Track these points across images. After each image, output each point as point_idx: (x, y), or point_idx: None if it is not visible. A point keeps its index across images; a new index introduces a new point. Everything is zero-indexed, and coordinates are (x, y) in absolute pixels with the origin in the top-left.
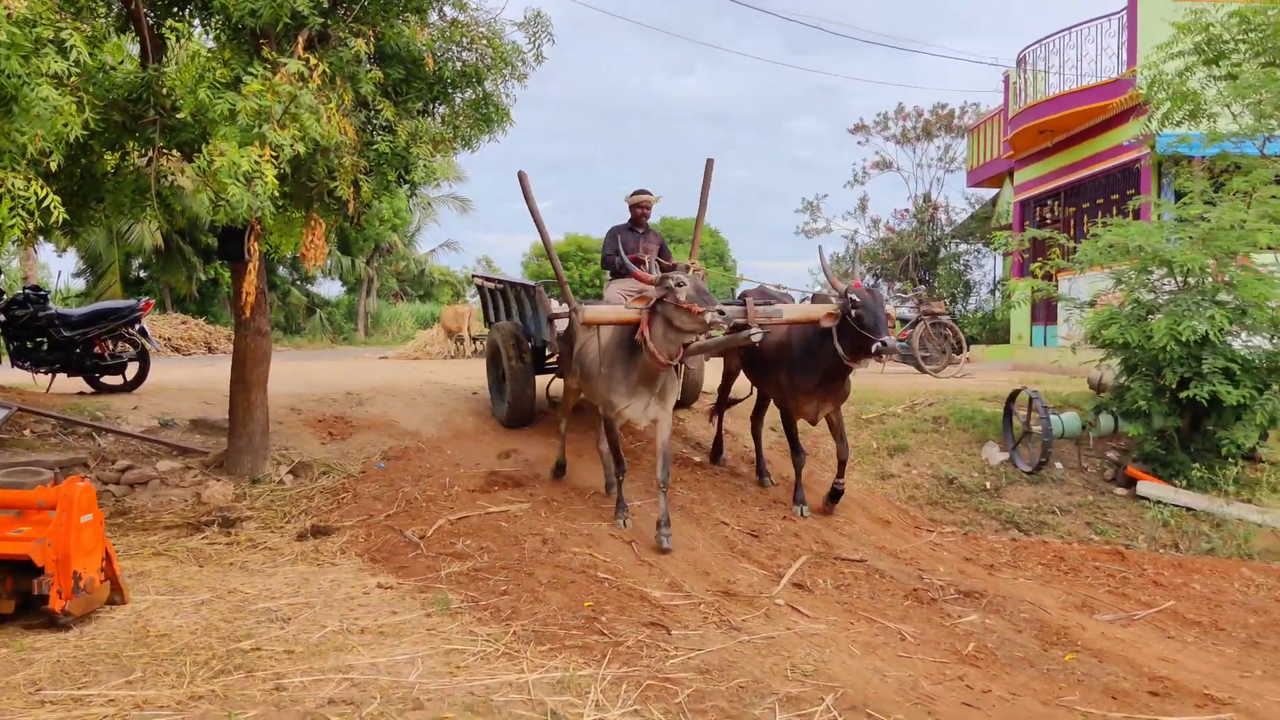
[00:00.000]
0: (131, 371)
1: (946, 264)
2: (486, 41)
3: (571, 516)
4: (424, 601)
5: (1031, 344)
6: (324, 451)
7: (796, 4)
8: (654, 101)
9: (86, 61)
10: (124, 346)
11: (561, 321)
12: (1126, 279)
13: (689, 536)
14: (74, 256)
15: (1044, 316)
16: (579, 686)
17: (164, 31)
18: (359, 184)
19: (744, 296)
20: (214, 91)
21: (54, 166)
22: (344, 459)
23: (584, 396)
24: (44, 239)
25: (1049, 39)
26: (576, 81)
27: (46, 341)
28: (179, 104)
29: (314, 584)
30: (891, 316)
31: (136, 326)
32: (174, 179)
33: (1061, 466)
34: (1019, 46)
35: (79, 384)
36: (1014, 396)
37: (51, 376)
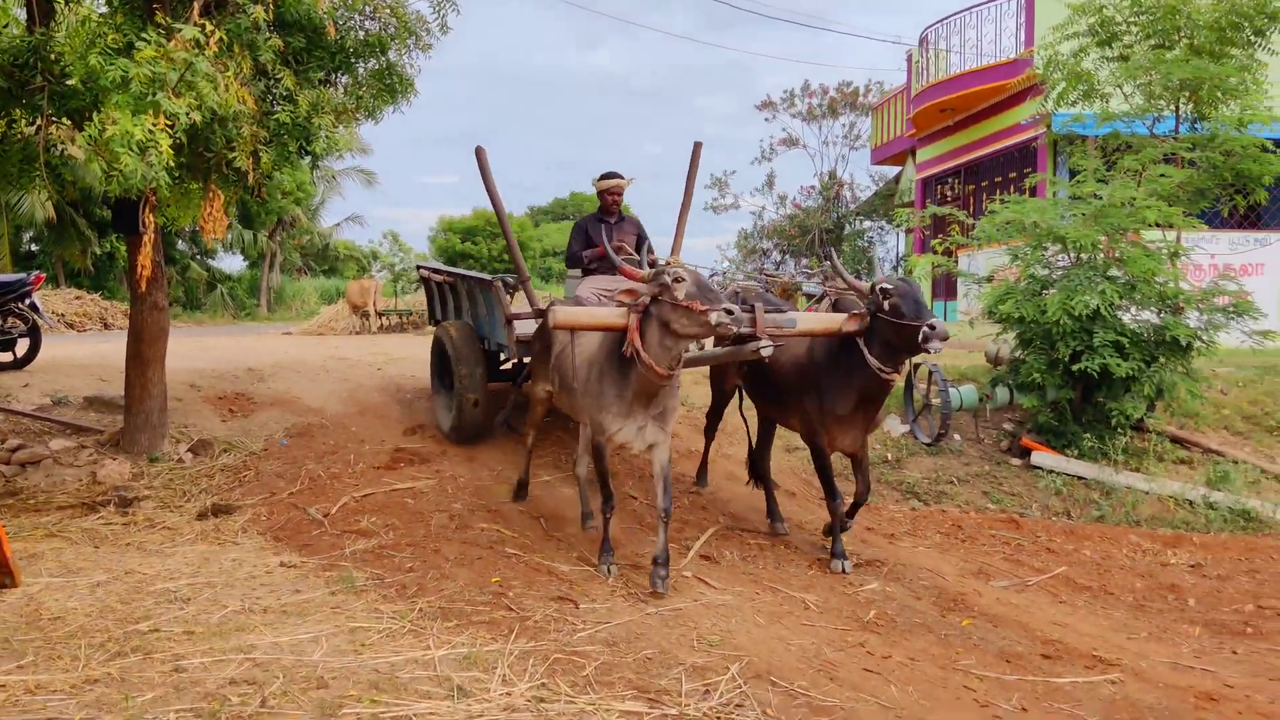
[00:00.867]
0: (22, 348)
1: (852, 240)
2: (390, 10)
3: (479, 493)
4: (328, 580)
5: None
6: (225, 429)
7: None
8: (564, 74)
9: None
10: (14, 322)
11: (525, 323)
12: (1022, 255)
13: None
14: None
15: (944, 292)
16: (486, 662)
17: None
18: (259, 155)
19: (748, 301)
20: (106, 58)
21: None
22: (246, 436)
23: (565, 411)
24: None
25: (951, 18)
26: (485, 53)
27: None
28: (69, 70)
29: (215, 564)
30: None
31: (27, 301)
32: (64, 148)
33: (960, 438)
34: (924, 25)
35: None
36: (915, 370)
37: None
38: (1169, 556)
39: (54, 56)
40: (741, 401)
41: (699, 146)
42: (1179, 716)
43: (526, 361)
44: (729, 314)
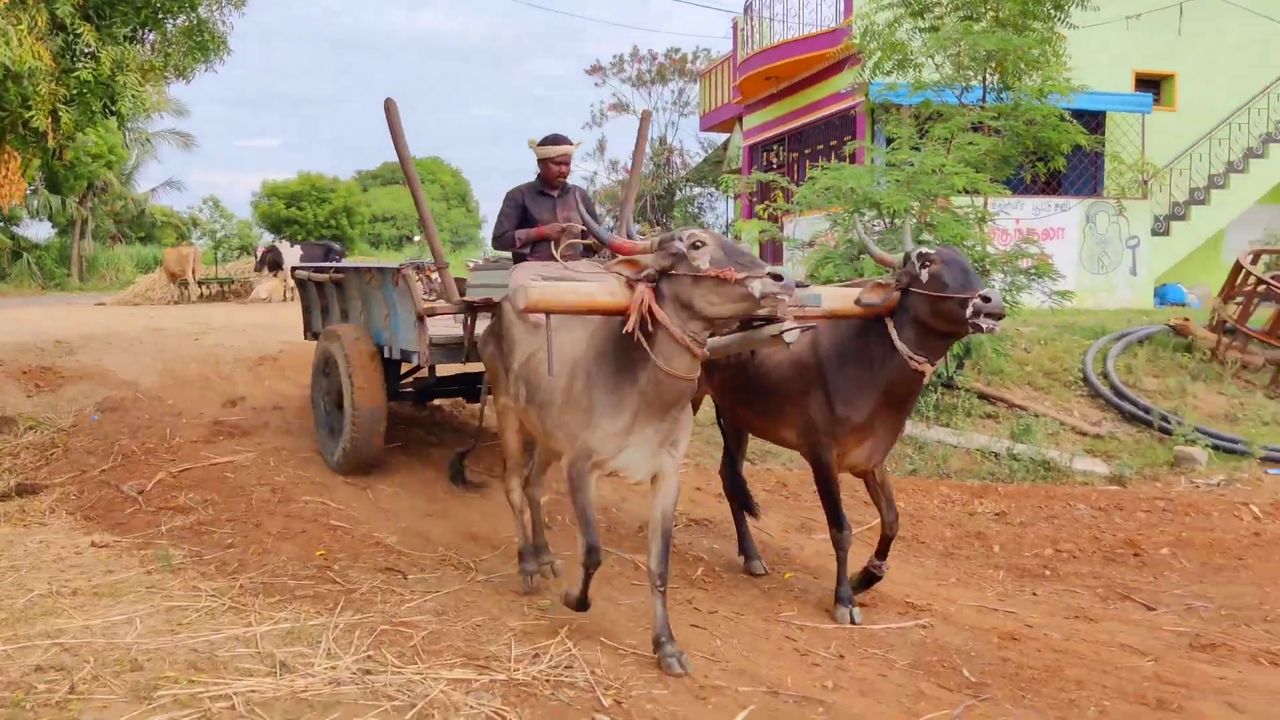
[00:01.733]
0: None
1: (682, 206)
2: None
3: (302, 465)
4: (143, 559)
5: None
6: (30, 405)
7: None
8: (389, 36)
9: None
10: None
11: (442, 322)
12: (841, 220)
13: (427, 480)
14: None
15: (771, 257)
16: (310, 636)
17: None
18: (59, 114)
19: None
20: None
21: None
22: (53, 412)
23: (532, 432)
24: None
25: None
26: (304, 13)
27: None
28: None
29: (19, 546)
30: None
31: None
32: None
33: None
34: None
35: None
36: None
37: None
38: (976, 506)
39: None
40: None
41: (647, 115)
42: (983, 656)
43: (438, 373)
44: (778, 280)
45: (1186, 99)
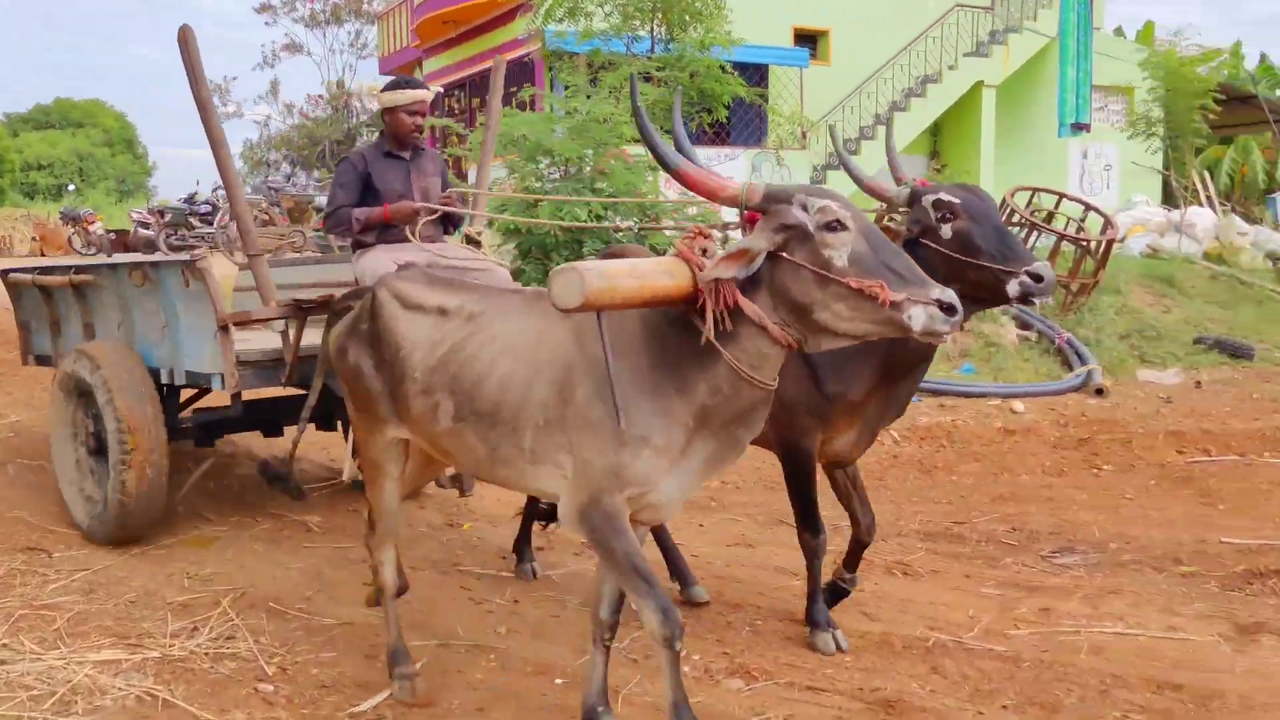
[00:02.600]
0: None
1: None
2: None
3: None
4: None
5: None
6: None
7: None
8: None
9: None
10: None
11: (260, 336)
12: (517, 168)
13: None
14: None
15: None
16: None
17: None
18: None
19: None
20: None
21: None
22: None
23: (473, 470)
24: None
25: None
26: None
27: None
28: None
29: None
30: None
31: None
32: None
33: None
34: None
35: None
36: None
37: None
38: None
39: None
40: None
41: (501, 62)
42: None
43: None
44: (950, 313)
45: (840, 54)
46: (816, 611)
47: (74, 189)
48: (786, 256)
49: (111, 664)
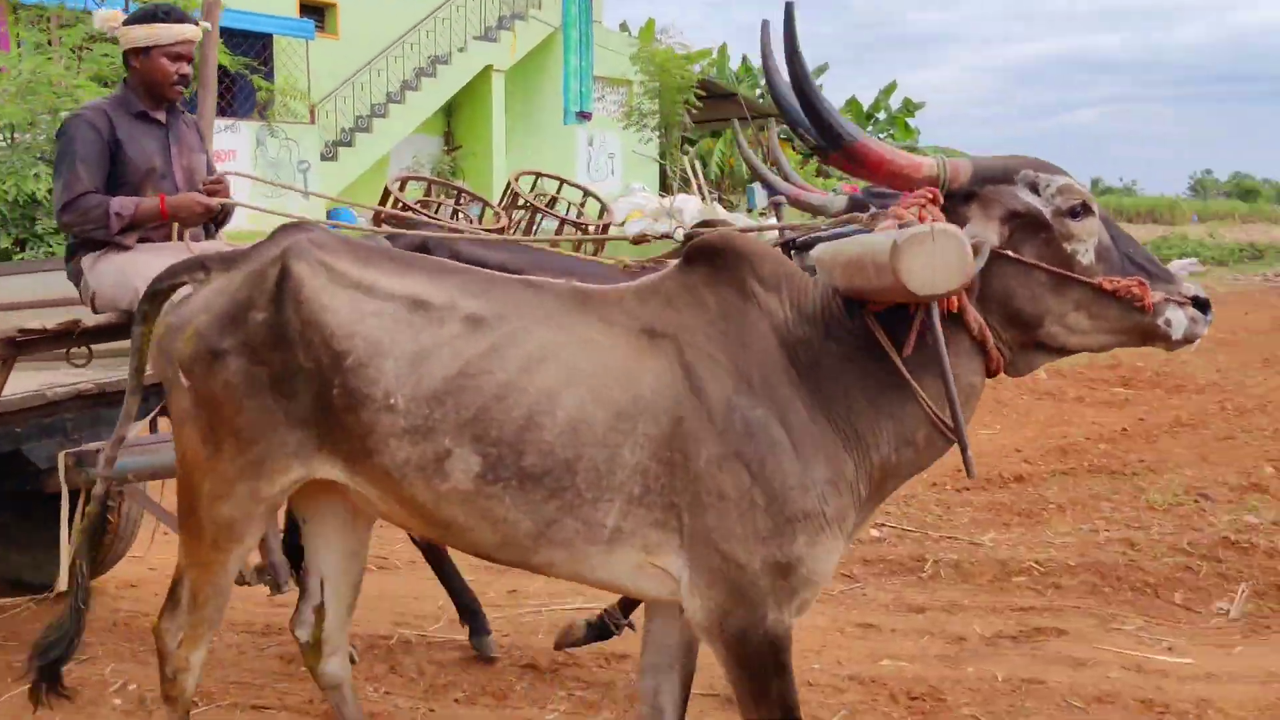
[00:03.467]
0: None
1: None
2: None
3: None
4: None
5: None
6: None
7: None
8: None
9: None
10: None
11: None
12: None
13: None
14: None
15: None
16: None
17: None
18: None
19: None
20: None
21: None
22: None
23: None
24: None
25: None
26: None
27: None
28: None
29: None
30: None
31: None
32: None
33: None
34: None
35: None
36: None
37: None
38: None
39: None
40: None
41: (217, 4)
42: None
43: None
44: (1206, 311)
45: (350, 29)
46: None
47: None
48: (1012, 254)
49: None
